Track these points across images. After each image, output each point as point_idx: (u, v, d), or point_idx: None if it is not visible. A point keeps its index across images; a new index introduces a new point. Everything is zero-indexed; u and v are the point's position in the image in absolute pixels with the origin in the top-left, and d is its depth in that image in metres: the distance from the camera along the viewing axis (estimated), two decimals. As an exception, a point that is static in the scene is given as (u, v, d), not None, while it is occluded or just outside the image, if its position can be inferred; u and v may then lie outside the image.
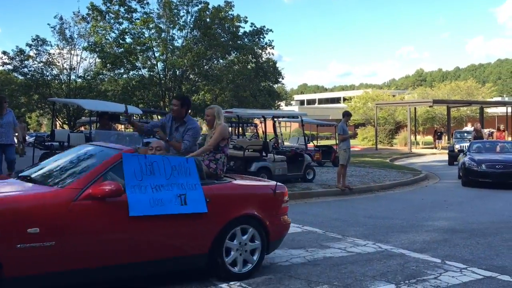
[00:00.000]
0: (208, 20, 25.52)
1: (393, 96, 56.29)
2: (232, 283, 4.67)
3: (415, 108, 38.35)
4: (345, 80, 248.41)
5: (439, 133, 37.26)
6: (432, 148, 36.35)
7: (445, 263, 5.52)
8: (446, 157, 22.84)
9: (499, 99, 58.39)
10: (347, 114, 12.23)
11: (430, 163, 22.83)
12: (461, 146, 21.14)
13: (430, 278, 4.94)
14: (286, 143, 22.18)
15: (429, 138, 42.91)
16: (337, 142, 12.59)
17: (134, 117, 20.87)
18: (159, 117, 25.78)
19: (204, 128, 26.51)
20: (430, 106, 39.05)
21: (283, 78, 31.40)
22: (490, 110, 42.52)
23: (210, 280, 4.71)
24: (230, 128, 25.92)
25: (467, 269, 5.30)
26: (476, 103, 38.73)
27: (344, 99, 62.58)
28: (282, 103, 42.59)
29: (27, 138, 18.71)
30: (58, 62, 26.15)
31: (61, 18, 25.57)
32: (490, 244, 6.54)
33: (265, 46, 28.10)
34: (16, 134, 9.68)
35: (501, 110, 43.40)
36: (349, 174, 14.46)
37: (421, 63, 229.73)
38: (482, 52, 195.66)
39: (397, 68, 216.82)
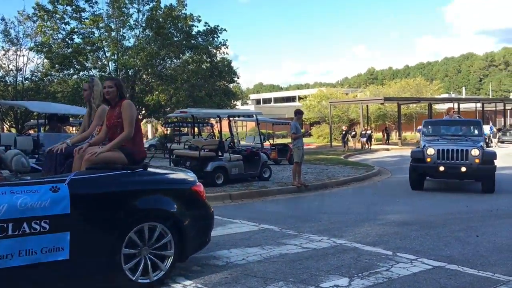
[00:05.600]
0: (160, 19, 25.15)
1: (346, 94, 57.56)
2: (187, 283, 4.62)
3: (367, 106, 39.32)
4: (300, 79, 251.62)
5: (344, 133, 33.34)
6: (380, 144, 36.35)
7: (397, 255, 5.68)
8: (397, 153, 23.01)
9: (446, 95, 60.83)
10: (299, 113, 12.37)
11: (382, 159, 23.47)
12: None
13: (382, 270, 5.07)
14: (242, 142, 22.24)
15: (380, 135, 43.91)
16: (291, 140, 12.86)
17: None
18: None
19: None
20: (381, 104, 40.16)
21: (238, 78, 31.46)
22: (437, 107, 44.25)
23: (164, 281, 4.65)
24: (186, 129, 25.75)
25: (417, 260, 5.47)
26: (424, 99, 40.22)
27: (300, 98, 63.34)
28: (238, 103, 42.66)
29: None
30: (4, 64, 25.06)
31: (3, 19, 24.50)
32: (439, 235, 6.78)
33: (220, 45, 28.01)
34: None
35: (448, 106, 45.24)
36: (305, 171, 14.66)
37: (372, 62, 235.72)
38: (430, 50, 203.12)
39: (350, 67, 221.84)
